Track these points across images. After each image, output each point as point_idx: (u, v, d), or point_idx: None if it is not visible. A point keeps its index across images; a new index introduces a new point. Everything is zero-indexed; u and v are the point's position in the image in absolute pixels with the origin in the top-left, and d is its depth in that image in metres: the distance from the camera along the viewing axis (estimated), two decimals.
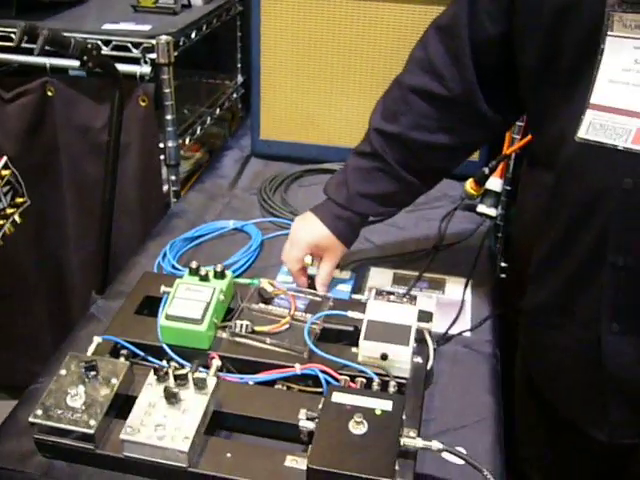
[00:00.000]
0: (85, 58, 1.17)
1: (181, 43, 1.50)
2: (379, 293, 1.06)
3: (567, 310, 0.95)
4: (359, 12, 1.55)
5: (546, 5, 0.84)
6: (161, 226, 1.45)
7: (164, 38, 1.43)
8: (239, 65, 1.96)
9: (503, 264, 1.55)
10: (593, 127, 0.81)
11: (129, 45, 1.44)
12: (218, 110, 1.82)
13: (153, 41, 1.43)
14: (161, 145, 1.53)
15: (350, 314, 1.02)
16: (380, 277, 1.30)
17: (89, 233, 1.56)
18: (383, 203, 1.16)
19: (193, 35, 1.57)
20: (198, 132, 1.68)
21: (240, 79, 1.97)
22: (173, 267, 1.28)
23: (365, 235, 1.43)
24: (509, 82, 0.99)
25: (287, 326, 1.03)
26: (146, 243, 1.39)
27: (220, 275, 1.07)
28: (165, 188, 1.59)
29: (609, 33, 0.77)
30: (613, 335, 0.89)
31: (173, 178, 1.57)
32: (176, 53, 1.46)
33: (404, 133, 1.08)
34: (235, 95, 1.95)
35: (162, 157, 1.54)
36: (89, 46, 1.16)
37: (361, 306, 1.04)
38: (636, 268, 0.83)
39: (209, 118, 1.75)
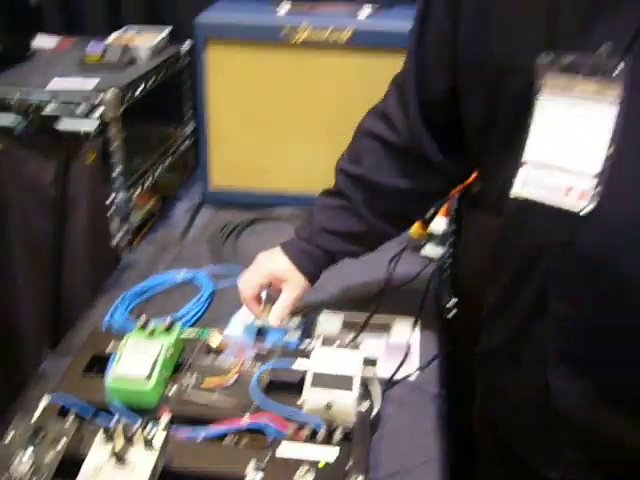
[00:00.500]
0: (28, 117, 1.19)
1: (127, 98, 1.52)
2: (325, 342, 1.08)
3: (515, 355, 0.97)
4: (304, 63, 1.60)
5: (485, 65, 0.88)
6: (112, 279, 1.46)
7: (110, 94, 1.45)
8: (189, 114, 1.99)
9: (449, 304, 1.59)
10: (527, 184, 0.84)
11: (75, 101, 1.46)
12: (169, 159, 1.84)
13: (99, 97, 1.45)
14: (111, 197, 1.55)
15: (296, 364, 1.04)
16: (329, 322, 1.32)
17: (40, 288, 1.56)
18: (348, 241, 1.20)
19: (140, 89, 1.60)
20: (149, 182, 1.70)
21: (190, 128, 2.00)
22: (124, 321, 1.29)
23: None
24: (461, 134, 1.03)
25: (235, 379, 1.05)
26: (97, 297, 1.40)
27: (168, 330, 1.09)
28: (117, 239, 1.60)
29: (540, 93, 0.81)
30: (560, 379, 0.91)
31: (123, 231, 1.59)
32: (123, 108, 1.49)
33: (367, 175, 1.14)
34: (186, 143, 1.98)
35: (112, 209, 1.55)
36: (30, 106, 1.18)
37: (308, 355, 1.06)
38: (576, 316, 0.85)
39: (160, 167, 1.78)
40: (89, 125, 1.44)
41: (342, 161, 1.20)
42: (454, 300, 1.55)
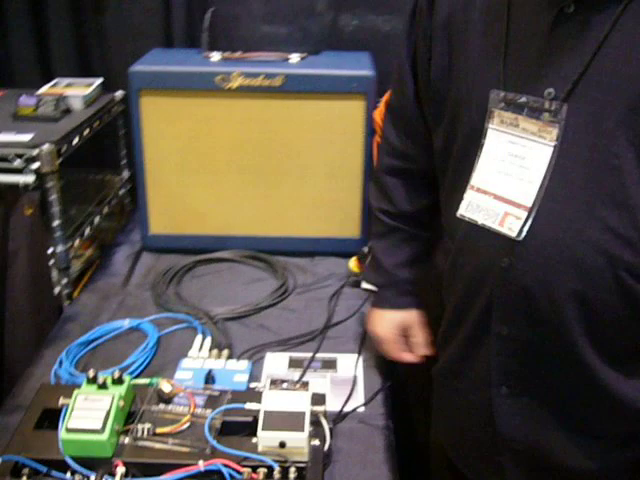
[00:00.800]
0: None
1: (64, 149, 1.53)
2: (273, 382, 1.11)
3: (462, 374, 1.05)
4: (237, 108, 1.65)
5: (448, 98, 0.98)
6: (55, 332, 1.45)
7: (46, 147, 1.46)
8: (124, 161, 2.01)
9: None
10: (471, 207, 0.93)
11: (11, 156, 1.46)
12: (106, 207, 1.85)
13: (35, 151, 1.46)
14: (50, 250, 1.55)
15: (247, 406, 1.07)
16: (276, 362, 1.35)
17: None
18: (418, 263, 1.29)
19: (76, 140, 1.61)
20: (87, 232, 1.71)
21: (126, 174, 2.02)
22: (70, 374, 1.29)
23: (259, 321, 1.50)
24: None
25: (188, 424, 1.06)
26: (41, 351, 1.39)
27: (118, 381, 1.10)
28: (58, 290, 1.59)
29: (490, 127, 0.90)
30: (502, 398, 0.98)
31: (64, 281, 1.58)
32: (59, 161, 1.50)
33: (402, 210, 1.23)
34: (122, 190, 1.99)
35: (52, 261, 1.55)
36: None
37: (258, 396, 1.09)
38: (518, 337, 0.93)
39: (98, 216, 1.78)
40: (27, 178, 1.44)
41: (377, 202, 1.28)
42: None
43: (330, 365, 1.35)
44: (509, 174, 0.89)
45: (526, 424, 0.97)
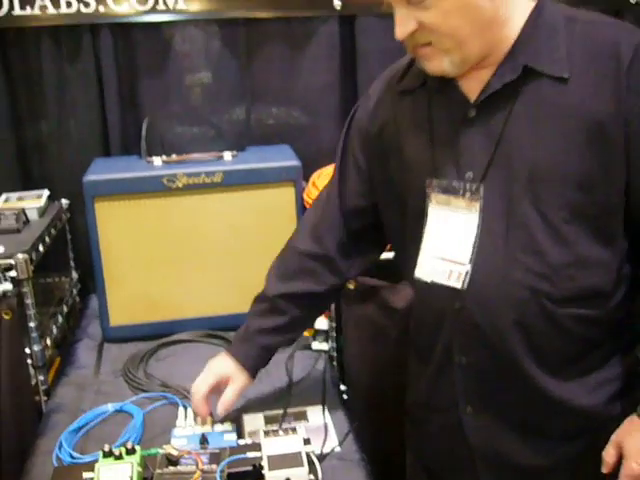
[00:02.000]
0: None
1: (34, 257, 1.69)
2: (266, 433, 1.30)
3: (433, 402, 1.28)
4: (184, 205, 1.87)
5: (393, 187, 1.25)
6: (44, 424, 1.57)
7: (21, 256, 1.62)
8: (72, 264, 2.16)
9: (343, 387, 1.86)
10: (423, 269, 1.18)
11: None
12: (65, 307, 1.99)
13: (11, 261, 1.61)
14: (27, 350, 1.68)
15: (250, 455, 1.25)
16: (253, 421, 1.54)
17: None
18: (280, 334, 1.46)
19: (41, 248, 1.77)
20: (55, 331, 1.84)
21: (75, 275, 2.16)
22: (72, 457, 1.42)
23: None
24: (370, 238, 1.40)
25: (200, 479, 1.23)
26: (35, 442, 1.51)
27: (132, 451, 1.25)
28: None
29: (430, 207, 1.17)
30: (469, 416, 1.21)
31: (42, 378, 1.71)
32: (32, 267, 1.65)
33: (292, 291, 1.43)
34: (74, 291, 2.13)
35: (29, 360, 1.68)
36: None
37: (254, 446, 1.28)
38: (474, 364, 1.17)
39: (60, 316, 1.92)
40: (5, 286, 1.59)
41: (273, 274, 1.49)
42: (343, 387, 1.83)
43: (302, 417, 1.54)
44: (448, 240, 1.14)
45: (491, 434, 1.20)
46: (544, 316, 1.10)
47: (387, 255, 1.64)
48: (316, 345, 1.86)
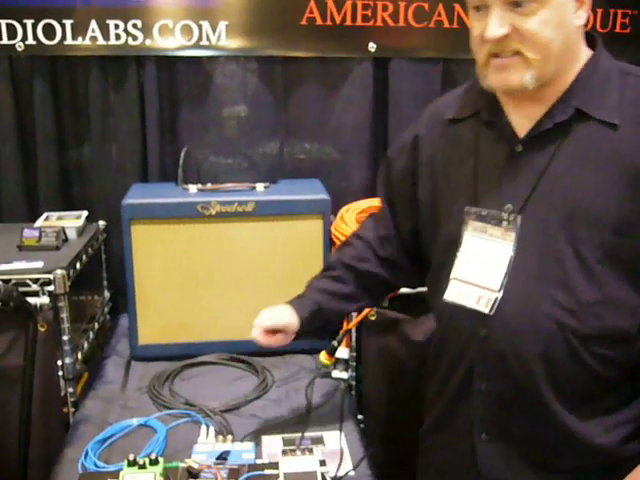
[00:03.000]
0: (8, 300, 1.42)
1: (72, 274, 1.78)
2: (284, 452, 1.36)
3: (448, 428, 1.31)
4: (216, 231, 1.95)
5: (434, 212, 1.30)
6: (71, 433, 1.64)
7: (59, 272, 1.70)
8: (105, 283, 2.24)
9: (360, 416, 1.90)
10: (454, 292, 1.22)
11: (28, 281, 1.69)
12: (97, 324, 2.07)
13: (50, 276, 1.70)
14: (59, 363, 1.75)
15: (267, 472, 1.30)
16: (272, 443, 1.59)
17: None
18: (335, 299, 1.49)
19: (78, 265, 1.85)
20: (85, 346, 1.92)
21: (107, 294, 2.25)
22: (96, 466, 1.48)
23: (249, 412, 1.73)
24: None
25: None
26: (63, 451, 1.57)
27: (155, 462, 1.31)
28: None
29: (465, 233, 1.22)
30: (482, 443, 1.24)
31: (71, 390, 1.78)
32: (69, 283, 1.73)
33: (355, 265, 1.49)
34: (106, 309, 2.21)
35: (62, 373, 1.75)
36: (14, 292, 1.41)
37: (273, 465, 1.33)
38: (494, 391, 1.20)
39: (91, 333, 2.00)
40: (42, 300, 1.67)
41: (337, 252, 1.56)
42: (360, 416, 1.87)
43: (318, 441, 1.59)
44: (480, 267, 1.19)
45: (503, 464, 1.23)
46: (568, 351, 1.13)
47: (407, 289, 1.70)
48: (336, 374, 1.91)
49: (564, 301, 1.11)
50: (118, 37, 2.12)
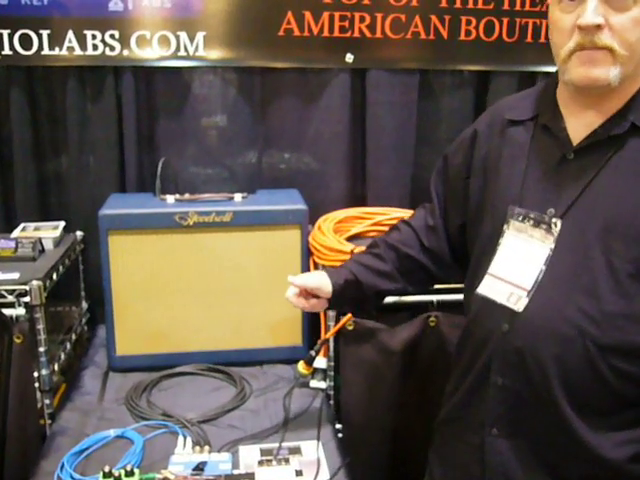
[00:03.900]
0: None
1: (48, 285, 1.77)
2: (260, 462, 1.36)
3: (462, 419, 1.33)
4: (194, 241, 1.95)
5: (482, 207, 1.33)
6: (47, 445, 1.63)
7: (35, 283, 1.69)
8: (83, 293, 2.23)
9: (338, 425, 1.91)
10: (487, 287, 1.26)
11: (4, 292, 1.68)
12: (74, 335, 2.05)
13: (26, 287, 1.69)
14: (35, 374, 1.74)
15: None
16: (249, 453, 1.58)
17: None
18: (371, 274, 1.50)
19: (55, 276, 1.84)
20: (62, 358, 1.91)
21: (85, 305, 2.24)
22: (72, 477, 1.47)
23: (227, 422, 1.74)
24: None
25: None
26: (39, 462, 1.56)
27: (130, 473, 1.31)
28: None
29: (507, 231, 1.25)
30: (492, 438, 1.25)
31: (47, 402, 1.77)
32: (45, 294, 1.73)
33: (399, 245, 1.51)
34: (84, 320, 2.20)
35: (36, 384, 1.74)
36: None
37: (248, 475, 1.33)
38: (510, 387, 1.22)
39: (68, 343, 1.99)
40: (18, 311, 1.66)
41: (384, 235, 1.57)
42: (338, 425, 1.88)
43: (296, 451, 1.59)
44: (516, 265, 1.22)
45: (509, 460, 1.24)
46: (586, 359, 1.14)
47: (387, 299, 1.71)
48: (314, 383, 1.92)
49: (588, 308, 1.13)
50: (95, 47, 2.11)
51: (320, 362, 1.92)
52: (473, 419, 1.30)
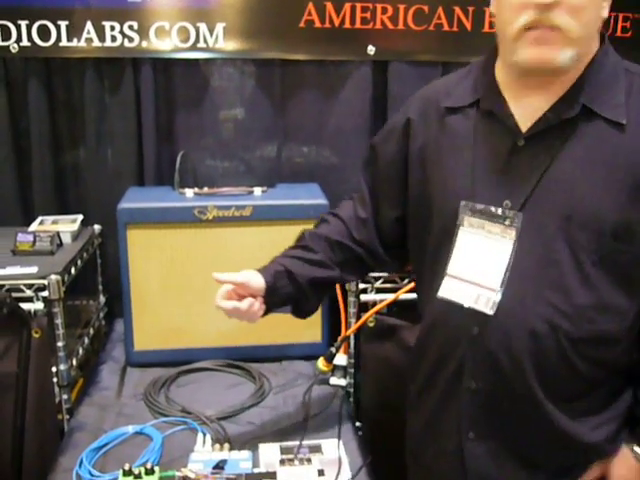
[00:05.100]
0: (1, 306, 1.40)
1: (66, 279, 1.75)
2: (282, 462, 1.34)
3: (436, 426, 1.29)
4: (213, 236, 1.92)
5: (424, 204, 1.26)
6: (66, 441, 1.62)
7: (54, 278, 1.68)
8: (100, 288, 2.22)
9: (358, 423, 1.88)
10: (448, 289, 1.19)
11: (22, 287, 1.67)
12: (92, 330, 2.04)
13: (44, 281, 1.67)
14: (53, 369, 1.73)
15: None
16: (269, 451, 1.56)
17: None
18: (307, 265, 1.41)
19: (73, 270, 1.83)
20: (80, 352, 1.89)
21: (102, 300, 2.22)
22: (91, 474, 1.46)
23: (246, 419, 1.71)
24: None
25: None
26: (57, 459, 1.54)
27: (150, 471, 1.29)
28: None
29: (461, 228, 1.18)
30: (470, 441, 1.23)
31: (65, 397, 1.76)
32: (64, 289, 1.71)
33: (329, 235, 1.43)
34: (102, 314, 2.19)
35: (57, 379, 1.73)
36: (7, 298, 1.39)
37: (270, 475, 1.31)
38: (484, 390, 1.19)
39: (86, 338, 1.97)
40: (37, 305, 1.65)
41: (311, 228, 1.49)
42: (358, 423, 1.85)
43: (316, 450, 1.56)
44: (477, 264, 1.17)
45: (490, 462, 1.22)
46: (558, 352, 1.12)
47: (407, 295, 1.68)
48: (334, 381, 1.89)
49: (558, 303, 1.11)
50: (114, 39, 2.09)
51: (340, 359, 1.89)
52: (448, 425, 1.26)
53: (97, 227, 2.16)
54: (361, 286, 1.88)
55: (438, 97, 1.27)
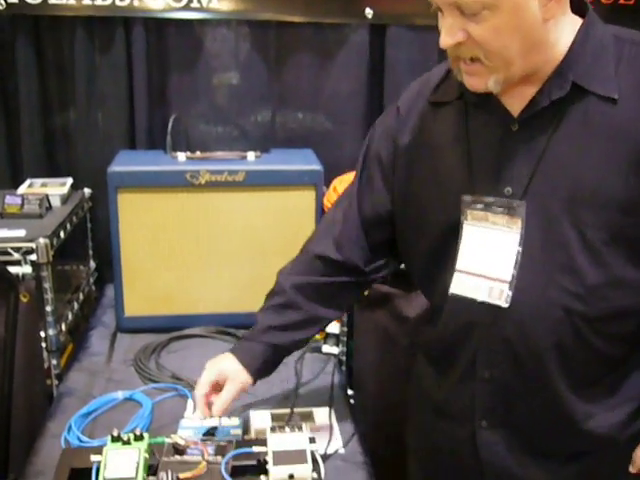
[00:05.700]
0: None
1: (55, 242, 1.72)
2: (273, 429, 1.32)
3: (448, 414, 1.27)
4: (205, 201, 1.90)
5: (418, 201, 1.22)
6: (54, 406, 1.60)
7: (42, 241, 1.65)
8: (91, 252, 2.19)
9: (350, 391, 1.87)
10: (460, 285, 1.15)
11: (10, 250, 1.64)
12: (81, 295, 2.01)
13: (33, 244, 1.64)
14: (42, 334, 1.70)
15: (255, 449, 1.26)
16: (260, 418, 1.55)
17: None
18: (292, 331, 1.37)
19: (62, 234, 1.79)
20: (70, 317, 1.87)
21: (92, 265, 2.19)
22: (79, 440, 1.44)
23: None
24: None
25: (205, 470, 1.24)
26: (45, 424, 1.53)
27: (140, 437, 1.27)
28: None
29: (465, 223, 1.15)
30: (483, 430, 1.21)
31: (54, 362, 1.74)
32: (52, 252, 1.68)
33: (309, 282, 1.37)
34: (92, 279, 2.16)
35: (45, 344, 1.71)
36: None
37: (260, 442, 1.29)
38: (498, 379, 1.16)
39: (76, 303, 1.95)
40: (24, 269, 1.62)
41: (286, 272, 1.43)
42: (350, 392, 1.84)
43: (308, 418, 1.55)
44: (486, 257, 1.13)
45: (503, 450, 1.20)
46: (577, 336, 1.10)
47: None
48: (326, 348, 1.87)
49: (570, 286, 1.07)
50: None
51: (333, 327, 1.88)
52: (461, 413, 1.24)
53: (87, 191, 2.13)
54: None
55: (425, 92, 1.24)
